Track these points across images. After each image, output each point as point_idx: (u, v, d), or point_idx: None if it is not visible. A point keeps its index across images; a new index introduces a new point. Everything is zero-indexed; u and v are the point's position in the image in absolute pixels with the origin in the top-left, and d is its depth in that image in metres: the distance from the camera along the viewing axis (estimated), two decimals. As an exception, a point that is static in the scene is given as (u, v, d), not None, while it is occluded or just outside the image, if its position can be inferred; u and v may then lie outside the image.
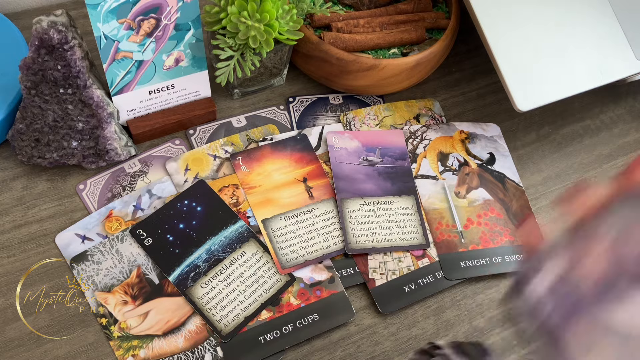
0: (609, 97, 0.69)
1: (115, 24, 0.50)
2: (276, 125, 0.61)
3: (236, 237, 0.53)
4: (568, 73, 0.58)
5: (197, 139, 0.59)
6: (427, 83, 0.67)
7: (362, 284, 0.53)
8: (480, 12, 0.57)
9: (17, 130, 0.53)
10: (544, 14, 0.59)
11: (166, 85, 0.57)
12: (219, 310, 0.49)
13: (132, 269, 0.50)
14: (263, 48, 0.54)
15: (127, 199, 0.54)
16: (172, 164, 0.56)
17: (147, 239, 0.52)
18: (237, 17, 0.51)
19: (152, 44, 0.53)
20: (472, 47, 0.70)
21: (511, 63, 0.57)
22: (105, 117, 0.52)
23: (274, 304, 0.50)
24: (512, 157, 0.62)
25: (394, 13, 0.64)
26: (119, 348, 0.47)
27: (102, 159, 0.54)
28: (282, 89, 0.64)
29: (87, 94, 0.51)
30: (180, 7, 0.52)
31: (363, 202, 0.56)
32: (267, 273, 0.51)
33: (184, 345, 0.48)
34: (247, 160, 0.57)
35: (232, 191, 0.55)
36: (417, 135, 0.62)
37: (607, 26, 0.61)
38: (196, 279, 0.50)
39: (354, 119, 0.62)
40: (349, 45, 0.59)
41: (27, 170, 0.55)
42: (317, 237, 0.53)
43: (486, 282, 0.55)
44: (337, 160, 0.58)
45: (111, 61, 0.52)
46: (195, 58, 0.56)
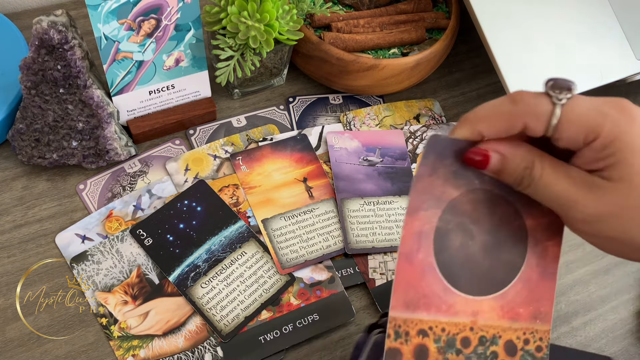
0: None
1: (115, 24, 0.50)
2: (276, 125, 0.61)
3: (236, 237, 0.53)
4: (568, 73, 0.58)
5: (197, 139, 0.59)
6: (427, 83, 0.67)
7: (362, 284, 0.53)
8: (480, 12, 0.57)
9: (17, 130, 0.53)
10: (544, 13, 0.59)
11: (166, 86, 0.57)
12: (219, 310, 0.49)
13: (132, 269, 0.50)
14: (263, 48, 0.54)
15: (127, 199, 0.54)
16: (172, 164, 0.57)
17: (147, 239, 0.52)
18: (237, 17, 0.51)
19: (153, 45, 0.53)
20: (472, 47, 0.70)
21: (511, 63, 0.57)
22: (105, 117, 0.52)
23: (274, 304, 0.50)
24: (512, 157, 0.62)
25: (394, 13, 0.64)
26: (119, 348, 0.47)
27: (102, 159, 0.54)
28: (282, 89, 0.64)
29: (87, 94, 0.51)
30: (181, 7, 0.52)
31: (363, 202, 0.56)
32: (267, 273, 0.51)
33: (184, 345, 0.48)
34: (247, 160, 0.57)
35: (232, 191, 0.55)
36: (417, 135, 0.62)
37: (607, 26, 0.61)
38: (196, 279, 0.50)
39: (354, 119, 0.62)
40: (349, 45, 0.59)
41: (27, 170, 0.55)
42: (317, 237, 0.53)
43: (486, 282, 0.55)
44: (337, 160, 0.58)
45: (111, 61, 0.52)
46: (195, 58, 0.56)
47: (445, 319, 0.34)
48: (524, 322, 0.36)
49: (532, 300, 0.36)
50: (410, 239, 0.33)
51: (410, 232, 0.33)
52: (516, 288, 0.35)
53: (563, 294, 0.55)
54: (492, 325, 0.35)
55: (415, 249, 0.33)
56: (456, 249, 0.34)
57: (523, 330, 0.35)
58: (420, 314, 0.34)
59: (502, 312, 0.35)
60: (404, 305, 0.33)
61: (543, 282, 0.36)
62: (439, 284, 0.34)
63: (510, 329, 0.35)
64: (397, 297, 0.33)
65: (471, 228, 0.35)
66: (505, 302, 0.35)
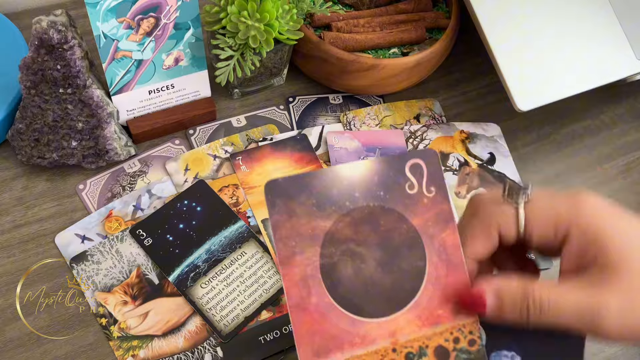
0: (609, 97, 0.69)
1: (114, 22, 0.50)
2: (276, 125, 0.61)
3: (236, 237, 0.53)
4: (568, 73, 0.58)
5: (197, 139, 0.59)
6: (427, 83, 0.67)
7: (362, 284, 0.53)
8: (480, 12, 0.57)
9: (16, 130, 0.52)
10: (544, 13, 0.59)
11: (166, 85, 0.57)
12: (218, 311, 0.49)
13: (132, 269, 0.50)
14: (263, 48, 0.54)
15: (127, 199, 0.54)
16: (172, 164, 0.56)
17: (147, 239, 0.52)
18: (237, 16, 0.51)
19: (152, 43, 0.53)
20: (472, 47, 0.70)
21: (511, 63, 0.57)
22: (105, 117, 0.52)
23: (274, 304, 0.50)
24: (512, 157, 0.62)
25: (394, 13, 0.64)
26: (118, 348, 0.47)
27: (102, 159, 0.54)
28: (282, 89, 0.64)
29: (87, 94, 0.51)
30: (180, 6, 0.52)
31: (363, 202, 0.56)
32: (267, 273, 0.51)
33: (183, 345, 0.48)
34: (247, 160, 0.57)
35: (232, 191, 0.55)
36: (417, 135, 0.62)
37: (607, 26, 0.61)
38: (196, 279, 0.50)
39: (354, 119, 0.62)
40: (349, 45, 0.59)
41: (26, 170, 0.55)
42: (317, 237, 0.53)
43: (486, 282, 0.54)
44: (337, 160, 0.58)
45: (110, 60, 0.52)
46: (195, 58, 0.56)
47: (362, 351, 0.33)
48: (447, 322, 0.34)
49: (448, 297, 0.34)
50: (295, 288, 0.32)
51: (292, 281, 0.32)
52: (428, 292, 0.34)
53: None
54: (415, 338, 0.34)
55: (305, 295, 0.32)
56: (350, 277, 0.33)
57: (449, 330, 0.34)
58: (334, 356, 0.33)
59: (421, 322, 0.34)
60: (314, 355, 0.32)
61: (454, 275, 0.34)
62: (345, 319, 0.33)
63: (436, 335, 0.34)
64: (304, 351, 0.32)
65: (359, 251, 0.34)
66: (420, 310, 0.34)
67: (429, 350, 0.34)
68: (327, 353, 0.33)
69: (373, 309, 0.33)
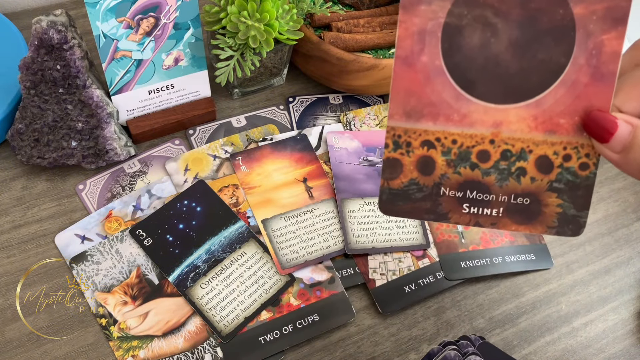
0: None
1: (114, 22, 0.50)
2: (276, 125, 0.61)
3: (236, 237, 0.53)
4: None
5: (197, 139, 0.59)
6: (428, 83, 0.67)
7: (362, 284, 0.53)
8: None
9: (16, 130, 0.52)
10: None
11: (166, 85, 0.56)
12: (218, 311, 0.49)
13: (132, 269, 0.50)
14: (263, 48, 0.54)
15: (126, 199, 0.54)
16: (171, 164, 0.56)
17: (147, 239, 0.52)
18: (237, 16, 0.51)
19: (152, 43, 0.53)
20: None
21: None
22: (104, 117, 0.52)
23: (274, 304, 0.50)
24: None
25: (394, 13, 0.64)
26: (118, 348, 0.47)
27: (102, 159, 0.54)
28: (282, 89, 0.64)
29: (87, 94, 0.51)
30: (179, 6, 0.52)
31: (363, 202, 0.56)
32: (267, 273, 0.51)
33: (183, 345, 0.48)
34: (247, 160, 0.57)
35: (232, 191, 0.55)
36: (418, 135, 0.62)
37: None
38: (196, 279, 0.50)
39: (354, 119, 0.62)
40: (349, 45, 0.59)
41: (26, 170, 0.55)
42: (317, 237, 0.53)
43: (486, 283, 0.55)
44: (337, 160, 0.58)
45: (110, 60, 0.52)
46: (194, 58, 0.56)
47: (457, 130, 0.30)
48: (565, 134, 0.30)
49: (578, 108, 0.29)
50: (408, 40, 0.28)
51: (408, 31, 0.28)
52: (556, 94, 0.29)
53: (563, 294, 0.55)
54: (519, 138, 0.30)
55: (416, 50, 0.29)
56: (473, 48, 0.29)
57: (563, 144, 0.30)
58: (425, 124, 0.30)
59: (535, 123, 0.30)
60: (404, 114, 0.30)
61: (595, 86, 0.29)
62: (450, 91, 0.29)
63: (546, 143, 0.30)
64: (395, 106, 0.29)
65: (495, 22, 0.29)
66: (540, 111, 0.29)
67: (531, 156, 0.30)
68: (419, 118, 0.30)
69: (486, 90, 0.29)
